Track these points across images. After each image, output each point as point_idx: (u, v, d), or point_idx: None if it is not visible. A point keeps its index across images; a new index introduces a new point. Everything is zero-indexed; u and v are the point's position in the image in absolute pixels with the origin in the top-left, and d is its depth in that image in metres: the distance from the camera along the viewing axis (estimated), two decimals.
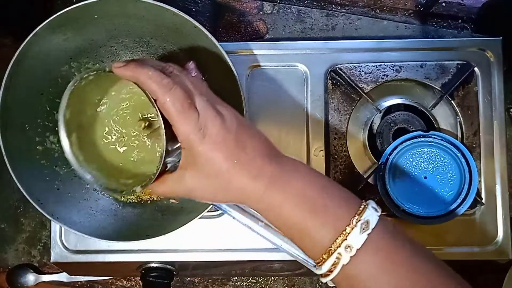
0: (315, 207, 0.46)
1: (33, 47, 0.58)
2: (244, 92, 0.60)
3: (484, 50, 0.69)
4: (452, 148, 0.64)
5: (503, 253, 0.66)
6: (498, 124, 0.68)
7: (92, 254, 0.67)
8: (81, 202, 0.65)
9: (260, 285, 0.80)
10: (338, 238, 0.44)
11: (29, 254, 0.80)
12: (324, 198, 0.46)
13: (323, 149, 0.68)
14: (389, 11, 0.77)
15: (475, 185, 0.63)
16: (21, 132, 0.61)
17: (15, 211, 0.79)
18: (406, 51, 0.69)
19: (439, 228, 0.65)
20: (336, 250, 0.44)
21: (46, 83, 0.63)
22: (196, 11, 0.76)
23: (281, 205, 0.46)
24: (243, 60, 0.69)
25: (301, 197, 0.46)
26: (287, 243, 0.52)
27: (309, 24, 0.76)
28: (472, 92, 0.68)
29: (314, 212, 0.46)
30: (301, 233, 0.46)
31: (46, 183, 0.63)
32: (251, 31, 0.76)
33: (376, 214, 0.46)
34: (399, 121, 0.68)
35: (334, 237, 0.45)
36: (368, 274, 0.44)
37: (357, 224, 0.45)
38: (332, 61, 0.69)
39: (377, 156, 0.67)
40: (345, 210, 0.46)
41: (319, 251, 0.45)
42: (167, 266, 0.68)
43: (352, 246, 0.44)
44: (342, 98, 0.69)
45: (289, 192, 0.46)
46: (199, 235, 0.67)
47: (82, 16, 0.59)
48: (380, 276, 0.44)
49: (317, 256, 0.46)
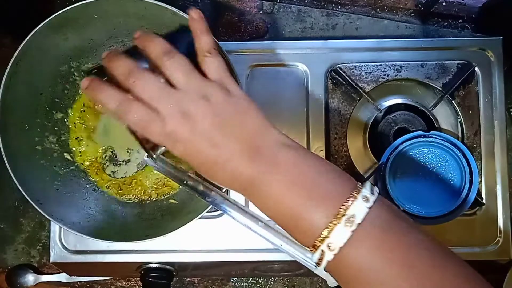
0: (307, 192, 0.44)
1: (33, 47, 0.58)
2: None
3: (485, 49, 0.69)
4: (452, 148, 0.64)
5: (504, 253, 0.66)
6: (498, 124, 0.68)
7: (92, 255, 0.67)
8: (81, 202, 0.65)
9: (260, 285, 0.80)
10: (321, 233, 0.42)
11: (29, 254, 0.79)
12: (315, 185, 0.44)
13: (323, 149, 0.68)
14: (390, 10, 0.77)
15: (475, 185, 0.63)
16: (20, 132, 0.61)
17: (14, 211, 0.79)
18: (406, 50, 0.69)
19: (440, 228, 0.65)
20: (320, 246, 0.42)
21: (45, 82, 0.63)
22: None
23: (273, 189, 0.44)
24: (243, 59, 0.68)
25: (294, 182, 0.44)
26: (287, 244, 0.52)
27: (309, 23, 0.76)
28: (473, 92, 0.68)
29: (305, 197, 0.44)
30: (294, 218, 0.44)
31: (45, 183, 0.62)
32: (251, 31, 0.76)
33: (365, 206, 0.42)
34: (400, 121, 0.68)
35: (319, 231, 0.42)
36: (358, 267, 0.42)
37: (340, 221, 0.42)
38: (332, 60, 0.69)
39: (377, 156, 0.67)
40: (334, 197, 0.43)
41: (309, 241, 0.44)
42: (167, 267, 0.68)
43: (333, 244, 0.42)
44: (342, 97, 0.69)
45: (282, 175, 0.44)
46: (199, 235, 0.66)
47: (82, 16, 0.58)
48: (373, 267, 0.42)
49: (308, 245, 0.44)
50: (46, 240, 0.79)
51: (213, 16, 0.76)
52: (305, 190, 0.44)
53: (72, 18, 0.58)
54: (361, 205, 0.43)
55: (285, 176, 0.44)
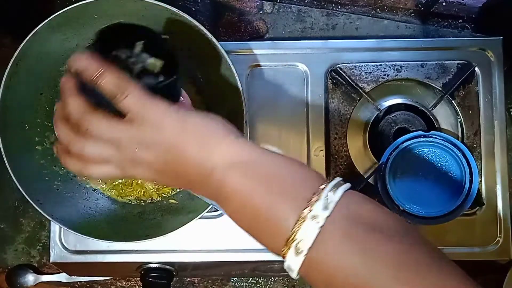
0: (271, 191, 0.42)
1: (33, 47, 0.58)
2: (244, 91, 0.60)
3: (485, 49, 0.69)
4: (452, 148, 0.64)
5: (504, 253, 0.66)
6: (498, 124, 0.68)
7: (92, 255, 0.67)
8: (81, 202, 0.64)
9: (260, 285, 0.80)
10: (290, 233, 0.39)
11: (29, 254, 0.79)
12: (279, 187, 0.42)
13: (323, 149, 0.68)
14: (390, 10, 0.76)
15: (475, 185, 0.63)
16: (20, 132, 0.61)
17: (14, 211, 0.79)
18: (406, 50, 0.69)
19: (440, 228, 0.65)
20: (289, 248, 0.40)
21: (45, 82, 0.63)
22: (196, 10, 0.76)
23: (238, 188, 0.43)
24: (243, 59, 0.68)
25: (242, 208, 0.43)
26: None
27: (309, 23, 0.76)
28: (473, 92, 0.68)
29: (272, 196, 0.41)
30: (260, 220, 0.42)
31: (45, 183, 0.62)
32: (251, 31, 0.76)
33: (316, 226, 0.38)
34: (400, 121, 0.68)
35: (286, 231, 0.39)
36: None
37: (291, 245, 0.39)
38: (332, 60, 0.69)
39: (377, 156, 0.67)
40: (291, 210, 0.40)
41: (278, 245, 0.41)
42: (167, 267, 0.68)
43: (290, 268, 0.40)
44: (342, 97, 0.69)
45: (249, 176, 0.43)
46: (199, 236, 0.66)
47: (82, 16, 0.58)
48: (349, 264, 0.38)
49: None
50: (46, 240, 0.79)
51: (213, 16, 0.76)
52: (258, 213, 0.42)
53: (72, 18, 0.58)
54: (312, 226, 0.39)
55: (233, 206, 0.44)
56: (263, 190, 0.42)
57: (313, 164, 0.67)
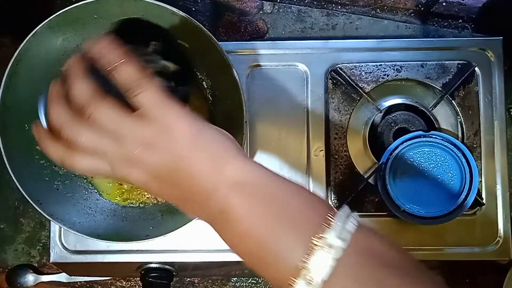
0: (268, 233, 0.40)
1: (33, 47, 0.58)
2: (244, 92, 0.59)
3: (485, 49, 0.69)
4: (452, 148, 0.64)
5: (504, 253, 0.66)
6: (498, 124, 0.67)
7: (92, 255, 0.67)
8: (81, 202, 0.64)
9: (260, 285, 0.80)
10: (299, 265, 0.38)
11: (29, 254, 0.79)
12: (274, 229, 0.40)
13: (323, 149, 0.68)
14: (390, 10, 0.76)
15: (475, 185, 0.63)
16: (20, 132, 0.61)
17: (14, 211, 0.79)
18: (406, 50, 0.69)
19: (440, 228, 0.65)
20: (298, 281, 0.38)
21: (45, 83, 0.63)
22: (196, 10, 0.76)
23: (243, 214, 0.40)
24: (243, 59, 0.68)
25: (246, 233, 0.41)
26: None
27: (309, 23, 0.76)
28: (473, 92, 0.68)
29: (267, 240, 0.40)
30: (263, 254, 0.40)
31: (45, 183, 0.62)
32: (251, 31, 0.76)
33: (330, 257, 0.36)
34: (400, 121, 0.68)
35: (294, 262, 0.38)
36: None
37: (301, 274, 0.37)
38: (332, 60, 0.69)
39: (377, 156, 0.67)
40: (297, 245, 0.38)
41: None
42: (167, 267, 0.68)
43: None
44: (342, 97, 0.69)
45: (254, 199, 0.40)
46: (199, 235, 0.66)
47: (82, 16, 0.58)
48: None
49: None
50: (46, 240, 0.79)
51: (213, 16, 0.76)
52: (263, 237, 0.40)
53: (72, 18, 0.58)
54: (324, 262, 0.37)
55: (236, 232, 0.41)
56: (272, 219, 0.40)
57: (313, 164, 0.67)
